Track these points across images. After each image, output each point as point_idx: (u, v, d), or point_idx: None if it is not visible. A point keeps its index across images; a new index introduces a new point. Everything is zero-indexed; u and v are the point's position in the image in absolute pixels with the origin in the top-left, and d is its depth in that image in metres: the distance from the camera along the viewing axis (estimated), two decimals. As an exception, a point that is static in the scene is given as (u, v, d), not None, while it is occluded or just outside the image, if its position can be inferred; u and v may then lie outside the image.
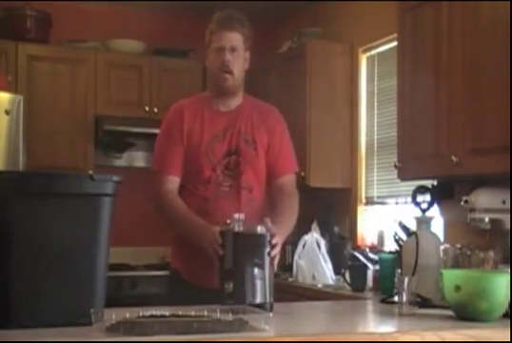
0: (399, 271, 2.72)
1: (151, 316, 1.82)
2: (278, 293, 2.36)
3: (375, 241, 4.10)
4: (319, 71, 4.50)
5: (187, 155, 2.57)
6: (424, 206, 2.90)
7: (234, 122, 2.61)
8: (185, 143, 2.57)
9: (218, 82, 2.60)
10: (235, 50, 2.57)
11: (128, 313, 1.81)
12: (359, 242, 4.38)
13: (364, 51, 4.54)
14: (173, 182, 2.57)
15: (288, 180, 2.73)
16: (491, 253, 2.90)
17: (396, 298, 2.30)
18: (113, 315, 1.75)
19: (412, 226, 2.83)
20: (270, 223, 2.23)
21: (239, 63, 2.59)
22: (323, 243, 3.97)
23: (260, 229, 2.17)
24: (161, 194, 2.55)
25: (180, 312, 1.84)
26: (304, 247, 3.96)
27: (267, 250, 2.15)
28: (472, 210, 3.04)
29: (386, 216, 4.16)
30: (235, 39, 2.58)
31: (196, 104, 2.67)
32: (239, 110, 2.65)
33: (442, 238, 3.13)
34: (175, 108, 2.67)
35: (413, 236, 2.64)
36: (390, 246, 3.63)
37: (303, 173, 4.44)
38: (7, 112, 3.95)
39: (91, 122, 4.80)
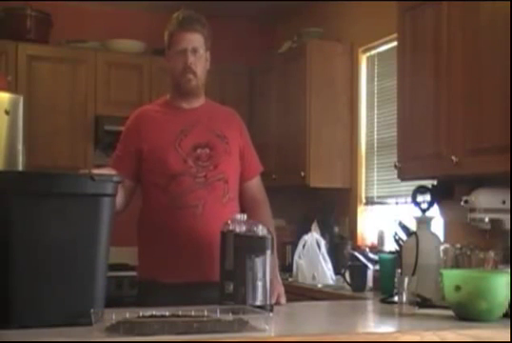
0: (399, 271, 2.72)
1: (151, 316, 1.82)
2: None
3: (375, 241, 4.11)
4: (319, 71, 4.50)
5: (151, 156, 2.53)
6: (424, 206, 2.90)
7: (200, 118, 2.60)
8: (141, 149, 2.53)
9: (181, 83, 2.58)
10: (197, 52, 2.55)
11: (127, 313, 1.81)
12: (359, 242, 4.38)
13: (364, 51, 4.54)
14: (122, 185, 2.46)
15: (257, 183, 2.71)
16: (491, 253, 2.90)
17: (396, 298, 2.30)
18: (113, 315, 1.75)
19: (412, 226, 2.83)
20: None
21: (201, 64, 2.57)
22: (323, 243, 3.97)
23: (261, 230, 2.17)
24: None
25: (180, 313, 1.84)
26: (304, 247, 3.96)
27: (269, 251, 2.15)
28: (472, 210, 3.04)
29: (386, 216, 4.16)
30: (197, 40, 2.56)
31: (157, 106, 2.68)
32: (203, 108, 2.65)
33: (442, 238, 3.13)
34: (133, 115, 2.66)
35: (413, 236, 2.64)
36: (390, 246, 3.63)
37: (303, 173, 4.44)
38: (7, 112, 3.95)
39: (91, 122, 4.80)
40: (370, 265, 3.52)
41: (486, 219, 3.00)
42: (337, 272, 3.89)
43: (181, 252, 2.48)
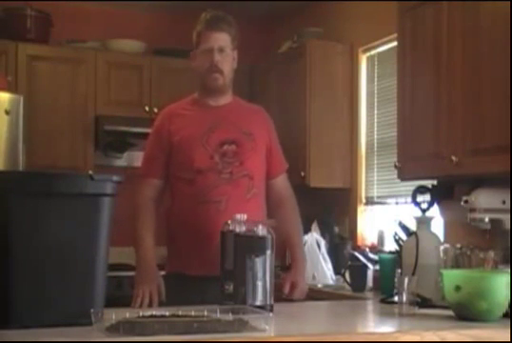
0: (399, 271, 2.72)
1: (151, 316, 1.82)
2: (278, 294, 2.37)
3: (375, 241, 4.11)
4: (319, 71, 4.50)
5: (179, 151, 2.59)
6: (424, 206, 2.90)
7: (227, 115, 2.66)
8: (171, 144, 2.61)
9: (208, 82, 2.64)
10: (223, 51, 2.62)
11: (127, 313, 1.81)
12: (359, 242, 4.38)
13: (364, 51, 4.54)
14: (152, 184, 2.65)
15: (283, 181, 2.80)
16: (491, 253, 2.90)
17: (396, 298, 2.30)
18: (113, 315, 1.75)
19: (412, 226, 2.83)
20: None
21: (228, 63, 2.64)
22: (323, 243, 3.97)
23: (261, 230, 2.17)
24: (136, 203, 2.64)
25: (180, 312, 1.84)
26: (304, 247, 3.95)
27: (269, 251, 2.16)
28: (472, 210, 3.04)
29: (386, 216, 4.16)
30: (223, 39, 2.63)
31: (184, 104, 2.74)
32: (230, 105, 2.71)
33: (442, 238, 3.13)
34: (162, 112, 2.74)
35: (413, 236, 2.64)
36: (390, 246, 3.63)
37: (303, 173, 4.44)
38: (7, 112, 3.95)
39: (91, 122, 4.80)
40: (370, 265, 3.52)
41: (486, 219, 3.00)
42: (337, 272, 3.89)
43: (204, 246, 2.53)
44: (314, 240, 3.94)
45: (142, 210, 2.61)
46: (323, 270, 3.89)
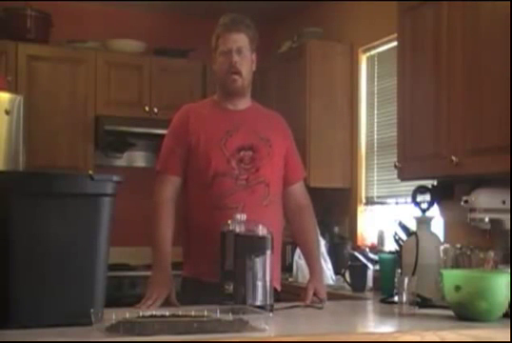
0: (399, 271, 2.73)
1: (151, 316, 1.83)
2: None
3: (375, 241, 4.11)
4: (319, 71, 4.50)
5: (196, 152, 2.56)
6: (424, 206, 2.90)
7: (245, 120, 2.62)
8: (189, 143, 2.57)
9: (227, 84, 2.60)
10: (242, 52, 2.58)
11: (127, 313, 1.81)
12: (359, 242, 4.39)
13: (364, 51, 4.54)
14: (172, 181, 2.58)
15: (300, 188, 2.76)
16: (491, 253, 2.90)
17: (396, 298, 2.30)
18: (113, 315, 1.75)
19: (412, 226, 2.83)
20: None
21: (246, 64, 2.60)
22: (323, 243, 3.97)
23: (261, 230, 2.17)
24: (155, 203, 2.56)
25: (180, 313, 1.84)
26: (304, 247, 3.95)
27: (268, 251, 2.16)
28: (472, 210, 3.04)
29: (386, 216, 4.16)
30: (241, 41, 2.59)
31: (204, 105, 2.71)
32: (249, 110, 2.68)
33: (442, 238, 3.13)
34: (181, 110, 2.69)
35: (413, 236, 2.64)
36: (390, 246, 3.63)
37: (303, 173, 4.44)
38: (7, 112, 3.95)
39: (91, 122, 4.80)
40: (370, 265, 3.52)
41: (486, 219, 3.00)
42: (337, 272, 3.89)
43: (219, 252, 2.48)
44: (314, 240, 3.94)
45: (160, 210, 2.54)
46: (323, 270, 3.88)
